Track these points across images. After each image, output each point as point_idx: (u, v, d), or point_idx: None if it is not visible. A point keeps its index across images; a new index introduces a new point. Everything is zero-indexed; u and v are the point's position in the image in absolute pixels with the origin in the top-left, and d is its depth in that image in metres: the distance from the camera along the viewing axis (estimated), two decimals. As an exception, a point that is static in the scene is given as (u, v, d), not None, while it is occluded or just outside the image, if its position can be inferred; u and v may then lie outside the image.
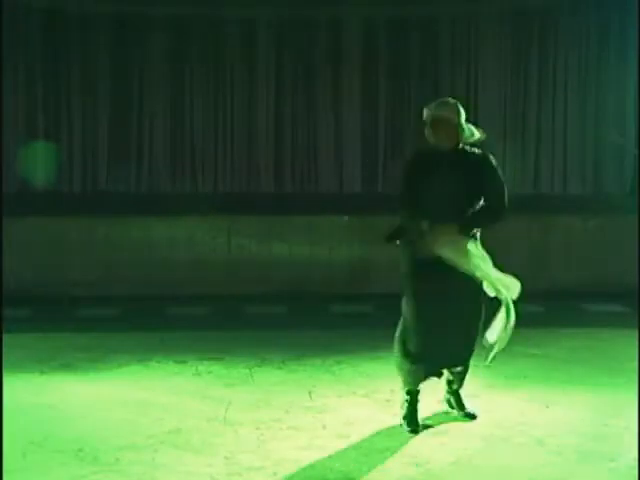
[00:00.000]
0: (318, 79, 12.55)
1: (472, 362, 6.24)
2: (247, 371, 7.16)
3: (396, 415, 5.94)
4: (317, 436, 5.63)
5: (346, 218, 10.64)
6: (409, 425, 5.77)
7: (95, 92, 12.22)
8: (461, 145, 5.80)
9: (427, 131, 5.80)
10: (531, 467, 5.16)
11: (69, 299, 9.90)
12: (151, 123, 12.39)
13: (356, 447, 5.47)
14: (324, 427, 5.78)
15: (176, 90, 12.35)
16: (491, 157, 5.83)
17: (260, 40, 12.42)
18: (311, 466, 5.14)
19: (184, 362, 7.37)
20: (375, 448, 5.44)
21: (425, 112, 5.83)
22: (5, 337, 7.48)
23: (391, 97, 12.57)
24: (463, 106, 5.82)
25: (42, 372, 7.11)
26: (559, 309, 9.78)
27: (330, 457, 5.27)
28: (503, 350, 5.81)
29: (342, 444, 5.51)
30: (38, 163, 11.78)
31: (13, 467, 5.05)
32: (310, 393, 6.48)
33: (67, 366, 7.30)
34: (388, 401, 6.31)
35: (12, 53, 11.75)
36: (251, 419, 5.91)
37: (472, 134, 5.79)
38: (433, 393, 6.50)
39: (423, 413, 6.07)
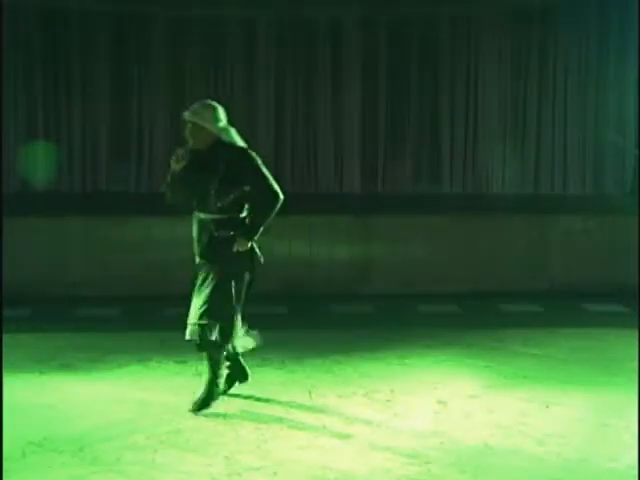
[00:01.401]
0: (318, 79, 12.55)
1: (471, 362, 6.26)
2: (247, 371, 7.14)
3: (396, 415, 5.94)
4: (317, 436, 5.63)
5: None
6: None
7: (95, 92, 12.22)
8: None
9: None
10: (531, 467, 5.16)
11: (69, 299, 9.89)
12: (151, 123, 12.39)
13: (356, 447, 5.46)
14: (324, 427, 5.78)
15: (176, 90, 12.35)
16: (250, 153, 6.26)
17: (260, 40, 12.42)
18: (311, 466, 5.13)
19: (184, 362, 7.35)
20: (375, 448, 5.44)
21: None
22: (5, 337, 7.48)
23: (391, 97, 12.57)
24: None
25: (42, 372, 7.10)
26: (559, 309, 9.76)
27: (330, 457, 5.27)
28: (503, 350, 5.81)
29: (342, 444, 5.50)
30: (38, 163, 11.78)
31: (13, 467, 5.05)
32: (310, 393, 6.47)
33: (67, 366, 7.29)
34: (388, 401, 6.31)
35: (12, 53, 11.75)
36: (251, 419, 5.91)
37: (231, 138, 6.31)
38: (432, 392, 6.51)
39: (421, 412, 6.07)
